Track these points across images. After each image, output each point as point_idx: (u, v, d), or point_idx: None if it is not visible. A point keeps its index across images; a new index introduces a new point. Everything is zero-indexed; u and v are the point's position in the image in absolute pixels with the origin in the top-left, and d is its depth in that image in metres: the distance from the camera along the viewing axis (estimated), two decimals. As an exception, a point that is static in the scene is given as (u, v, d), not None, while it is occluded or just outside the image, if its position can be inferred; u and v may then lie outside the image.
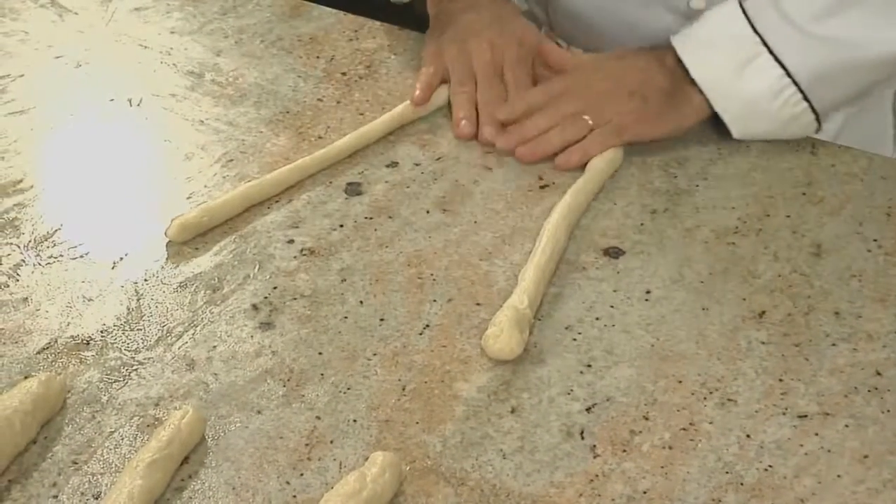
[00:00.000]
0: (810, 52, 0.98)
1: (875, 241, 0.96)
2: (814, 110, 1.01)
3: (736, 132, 1.03)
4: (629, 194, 1.01)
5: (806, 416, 0.82)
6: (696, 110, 1.03)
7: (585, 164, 1.02)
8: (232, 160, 1.05)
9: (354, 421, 0.82)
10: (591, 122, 1.03)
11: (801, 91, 0.99)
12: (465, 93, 1.08)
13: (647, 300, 0.91)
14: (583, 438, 0.81)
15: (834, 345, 0.87)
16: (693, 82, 1.02)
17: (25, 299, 0.91)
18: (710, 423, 0.82)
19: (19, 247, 0.96)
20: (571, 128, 1.03)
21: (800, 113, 1.01)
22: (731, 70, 1.00)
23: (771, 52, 0.99)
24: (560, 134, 1.03)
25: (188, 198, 1.01)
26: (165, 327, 0.89)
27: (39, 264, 0.94)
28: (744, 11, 1.01)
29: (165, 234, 0.95)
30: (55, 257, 0.95)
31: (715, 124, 1.06)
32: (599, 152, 1.02)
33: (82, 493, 0.77)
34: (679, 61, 1.03)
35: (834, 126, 1.10)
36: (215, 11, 1.25)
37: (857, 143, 1.06)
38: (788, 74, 0.99)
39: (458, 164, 1.04)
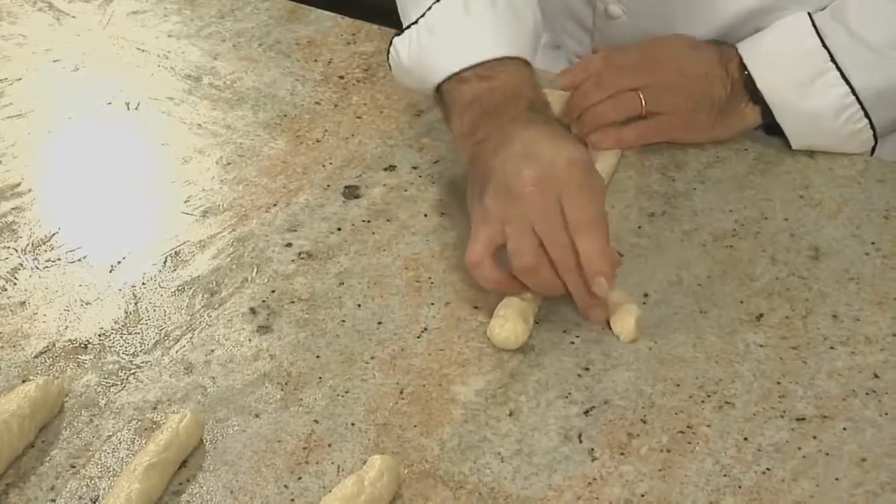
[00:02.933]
0: (877, 72, 0.99)
1: (873, 243, 0.96)
2: (873, 128, 1.01)
3: (795, 144, 1.03)
4: (627, 197, 1.01)
5: (804, 418, 0.82)
6: (743, 123, 1.03)
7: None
8: (230, 163, 1.06)
9: (352, 424, 0.82)
10: (644, 105, 1.01)
11: (864, 109, 1.00)
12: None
13: (644, 303, 0.91)
14: (581, 442, 0.81)
15: (832, 348, 0.87)
16: (750, 95, 1.02)
17: (23, 303, 0.91)
18: (708, 426, 0.82)
19: (17, 250, 0.96)
20: (624, 105, 1.02)
21: (859, 130, 1.01)
22: (797, 84, 1.00)
23: (839, 69, 0.99)
24: (613, 109, 1.02)
25: (186, 201, 1.01)
26: (163, 331, 0.89)
27: (37, 268, 0.94)
28: (814, 26, 1.00)
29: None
30: (53, 261, 0.95)
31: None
32: (634, 145, 1.02)
33: (80, 497, 0.77)
34: (742, 69, 1.02)
35: (892, 145, 1.09)
36: (213, 15, 1.25)
37: None
38: (853, 93, 0.99)
39: (456, 168, 1.04)
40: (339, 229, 0.99)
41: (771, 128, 1.04)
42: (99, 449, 0.80)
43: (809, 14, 1.02)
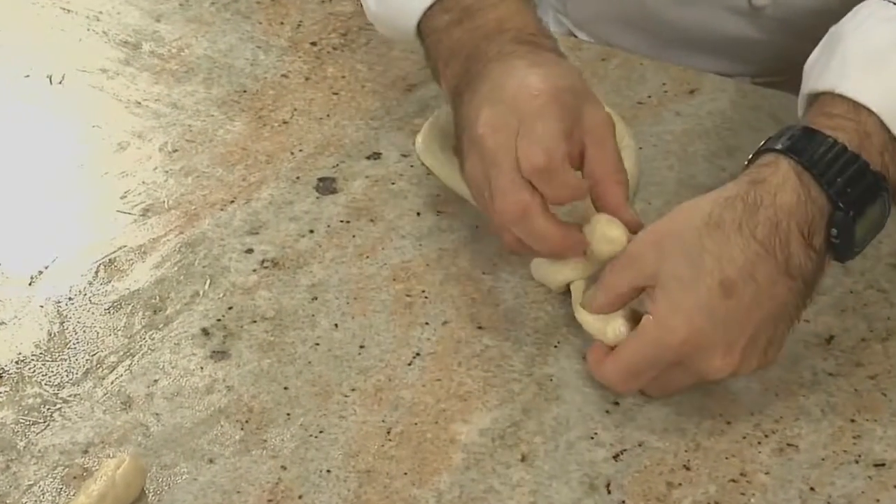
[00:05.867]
0: None
1: (969, 249, 0.98)
2: None
3: None
4: (666, 191, 1.02)
5: (883, 464, 0.84)
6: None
7: None
8: (176, 150, 1.07)
9: (328, 472, 0.83)
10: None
11: None
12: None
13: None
14: (609, 493, 0.82)
15: (918, 377, 0.89)
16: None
17: (-78, 323, 0.93)
18: (766, 473, 0.83)
19: (-86, 258, 0.97)
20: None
21: None
22: None
23: None
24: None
25: (122, 197, 1.03)
26: (95, 357, 0.90)
27: (-61, 280, 0.96)
28: None
29: None
30: (-41, 271, 0.97)
31: (770, 106, 1.08)
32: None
33: (-6, 561, 0.78)
34: (830, 226, 0.85)
35: None
36: (155, -34, 1.26)
37: None
38: None
39: (456, 156, 1.06)
40: (311, 232, 1.00)
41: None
42: (17, 502, 0.81)
43: None
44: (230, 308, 0.94)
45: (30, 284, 0.96)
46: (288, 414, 0.87)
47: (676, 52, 1.17)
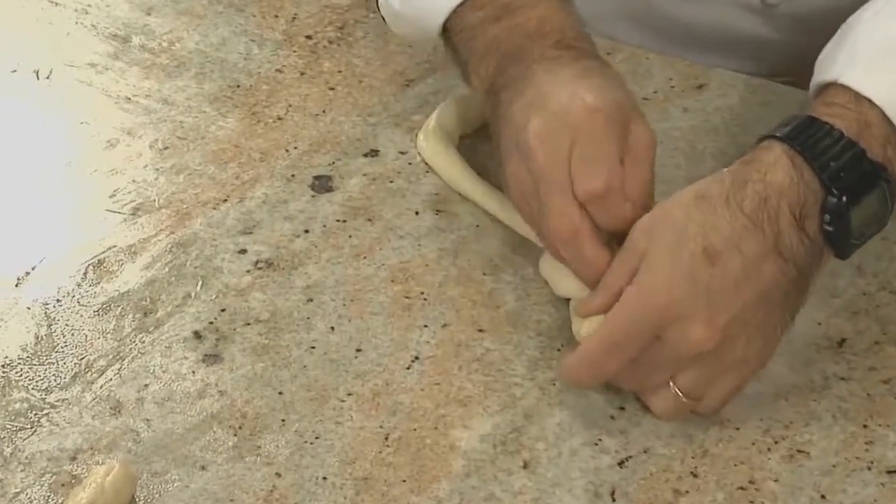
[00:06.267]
0: None
1: None
2: None
3: None
4: (674, 190, 1.00)
5: (896, 471, 0.84)
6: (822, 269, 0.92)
7: None
8: (167, 148, 1.07)
9: (324, 479, 0.84)
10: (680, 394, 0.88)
11: None
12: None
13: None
14: (614, 501, 0.83)
15: (933, 381, 0.89)
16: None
17: None
18: (776, 480, 0.84)
19: None
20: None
21: None
22: None
23: None
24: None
25: (111, 196, 1.03)
26: (84, 360, 0.91)
27: (-77, 281, 0.96)
28: None
29: None
30: (-57, 272, 0.97)
31: (781, 102, 1.08)
32: (654, 403, 0.88)
33: (-20, 571, 0.79)
34: (823, 213, 0.85)
35: None
36: (145, -43, 1.26)
37: None
38: None
39: (456, 153, 1.06)
40: (306, 231, 1.00)
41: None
42: (3, 510, 0.82)
43: None
44: (223, 310, 0.94)
45: (16, 286, 0.96)
46: (282, 419, 0.87)
47: (683, 50, 1.17)
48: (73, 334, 0.92)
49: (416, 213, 1.01)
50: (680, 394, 0.85)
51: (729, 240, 0.83)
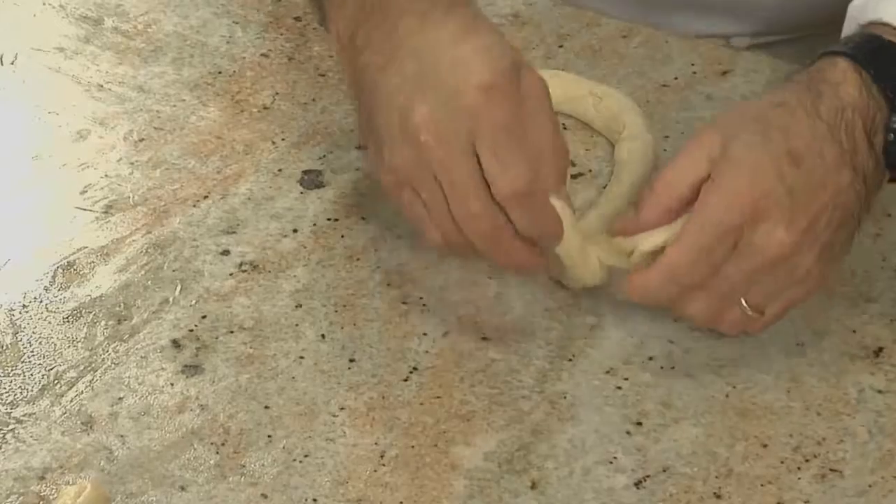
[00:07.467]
0: None
1: None
2: None
3: None
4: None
5: (938, 491, 0.85)
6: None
7: None
8: (143, 139, 1.08)
9: (314, 500, 0.84)
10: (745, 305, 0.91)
11: None
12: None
13: (718, 332, 0.93)
14: (630, 524, 0.83)
15: (978, 394, 0.90)
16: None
17: None
18: (807, 501, 0.84)
19: None
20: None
21: None
22: None
23: None
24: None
25: (82, 192, 1.03)
26: (52, 371, 0.91)
27: None
28: None
29: None
30: None
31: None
32: (718, 319, 0.91)
33: None
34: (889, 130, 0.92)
35: None
36: (118, -68, 1.27)
37: None
38: None
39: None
40: (295, 231, 1.01)
41: None
42: (-35, 534, 0.82)
43: None
44: (204, 317, 0.95)
45: (-22, 290, 0.97)
46: (269, 436, 0.87)
47: (666, 13, 1.17)
48: (40, 343, 0.93)
49: (415, 210, 1.02)
50: (749, 309, 0.88)
51: (811, 145, 0.88)
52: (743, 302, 0.88)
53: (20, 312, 0.95)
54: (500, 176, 0.87)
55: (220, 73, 1.13)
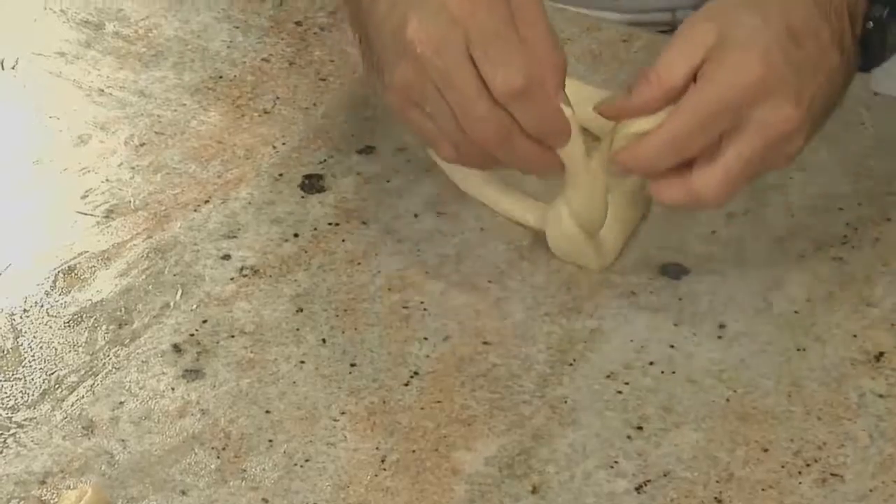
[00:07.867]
0: None
1: None
2: None
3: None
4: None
5: (939, 496, 0.85)
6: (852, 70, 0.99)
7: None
8: (144, 144, 1.08)
9: (315, 505, 0.85)
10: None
11: None
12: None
13: (720, 337, 0.93)
14: (631, 528, 0.83)
15: (978, 398, 0.90)
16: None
17: None
18: (807, 506, 0.84)
19: None
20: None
21: None
22: None
23: None
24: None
25: (83, 197, 1.03)
26: (53, 376, 0.91)
27: None
28: None
29: None
30: None
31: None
32: (722, 196, 0.92)
33: None
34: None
35: None
36: (119, -64, 1.27)
37: None
38: None
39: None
40: (295, 235, 1.01)
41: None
42: (-34, 539, 0.82)
43: None
44: (204, 321, 0.95)
45: (-21, 295, 0.97)
46: (270, 440, 0.88)
47: None
48: (41, 347, 0.93)
49: (415, 215, 1.02)
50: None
51: (808, 23, 0.90)
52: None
53: (21, 317, 0.95)
54: (495, 76, 0.88)
55: (220, 77, 1.13)
